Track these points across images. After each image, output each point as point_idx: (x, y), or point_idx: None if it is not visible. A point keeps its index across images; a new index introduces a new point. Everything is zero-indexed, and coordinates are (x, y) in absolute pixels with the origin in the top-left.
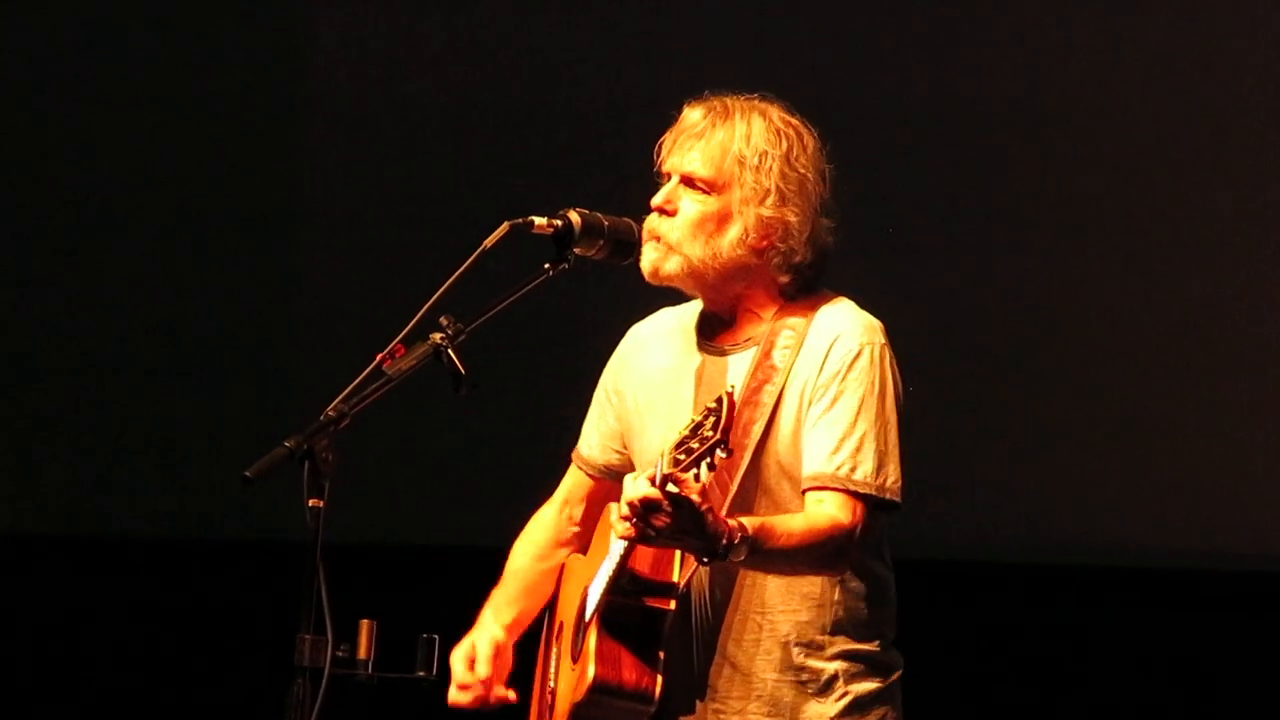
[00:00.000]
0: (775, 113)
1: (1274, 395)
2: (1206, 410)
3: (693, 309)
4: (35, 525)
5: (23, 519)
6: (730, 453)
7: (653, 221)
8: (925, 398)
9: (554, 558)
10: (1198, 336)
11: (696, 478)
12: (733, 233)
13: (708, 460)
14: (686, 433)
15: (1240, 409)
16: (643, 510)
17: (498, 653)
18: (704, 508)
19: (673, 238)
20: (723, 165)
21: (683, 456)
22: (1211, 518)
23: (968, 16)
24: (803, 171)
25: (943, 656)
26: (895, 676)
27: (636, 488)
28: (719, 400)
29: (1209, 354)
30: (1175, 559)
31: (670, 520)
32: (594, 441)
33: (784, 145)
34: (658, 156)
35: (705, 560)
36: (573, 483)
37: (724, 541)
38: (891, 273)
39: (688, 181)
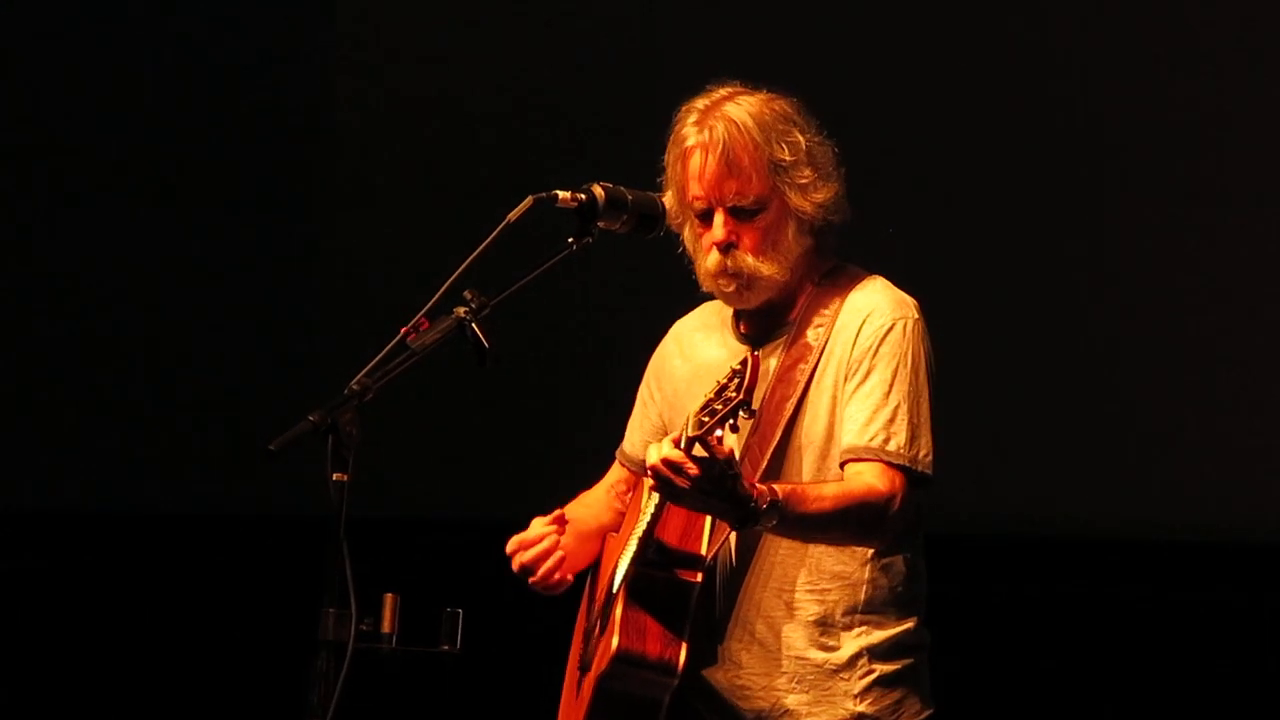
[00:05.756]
0: (757, 100)
1: None
2: (1231, 392)
3: None
4: (59, 502)
5: (44, 496)
6: (753, 413)
7: (717, 260)
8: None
9: (605, 516)
10: (1219, 319)
11: (720, 440)
12: (792, 228)
13: (731, 421)
14: (711, 395)
15: (1258, 392)
16: (668, 470)
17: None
18: (731, 470)
19: (748, 263)
20: (762, 180)
21: (707, 418)
22: (1232, 495)
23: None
24: (809, 141)
25: (969, 634)
26: (923, 655)
27: (660, 449)
28: (743, 362)
29: (1232, 337)
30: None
31: (695, 480)
32: (636, 439)
33: (787, 126)
34: (674, 177)
35: (737, 525)
36: (616, 475)
37: (753, 505)
38: (916, 261)
39: (736, 210)
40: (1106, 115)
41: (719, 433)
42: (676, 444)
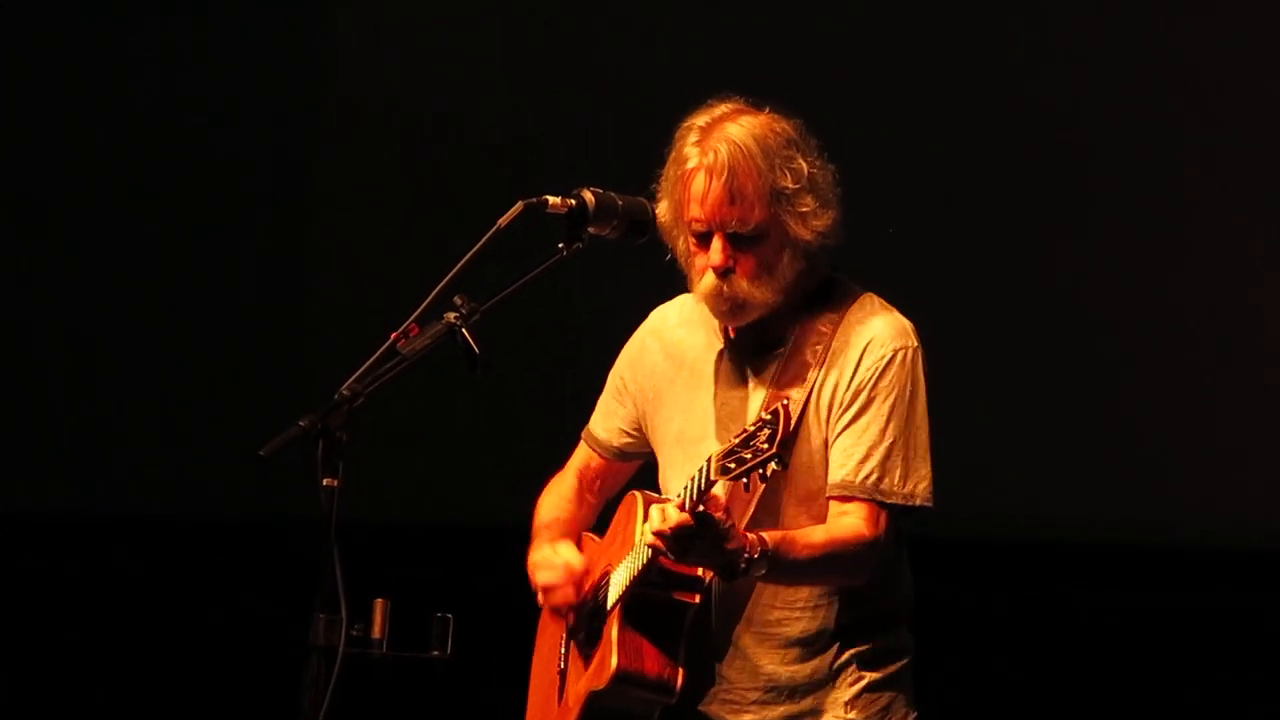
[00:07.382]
0: (760, 123)
1: None
2: (1231, 396)
3: None
4: (54, 504)
5: (40, 498)
6: (785, 467)
7: (713, 283)
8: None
9: (581, 513)
10: (1219, 321)
11: (745, 487)
12: (788, 254)
13: (760, 472)
14: (737, 442)
15: (1259, 396)
16: (675, 536)
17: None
18: (727, 525)
19: (743, 288)
20: (764, 208)
21: (733, 465)
22: (1232, 499)
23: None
24: (811, 166)
25: (968, 636)
26: (906, 661)
27: (668, 517)
28: (774, 413)
29: (1232, 339)
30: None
31: (701, 540)
32: (608, 425)
33: (791, 152)
34: (672, 194)
35: (727, 577)
36: (585, 459)
37: (745, 557)
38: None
39: (735, 237)
40: (1105, 116)
41: (716, 489)
42: (682, 507)
